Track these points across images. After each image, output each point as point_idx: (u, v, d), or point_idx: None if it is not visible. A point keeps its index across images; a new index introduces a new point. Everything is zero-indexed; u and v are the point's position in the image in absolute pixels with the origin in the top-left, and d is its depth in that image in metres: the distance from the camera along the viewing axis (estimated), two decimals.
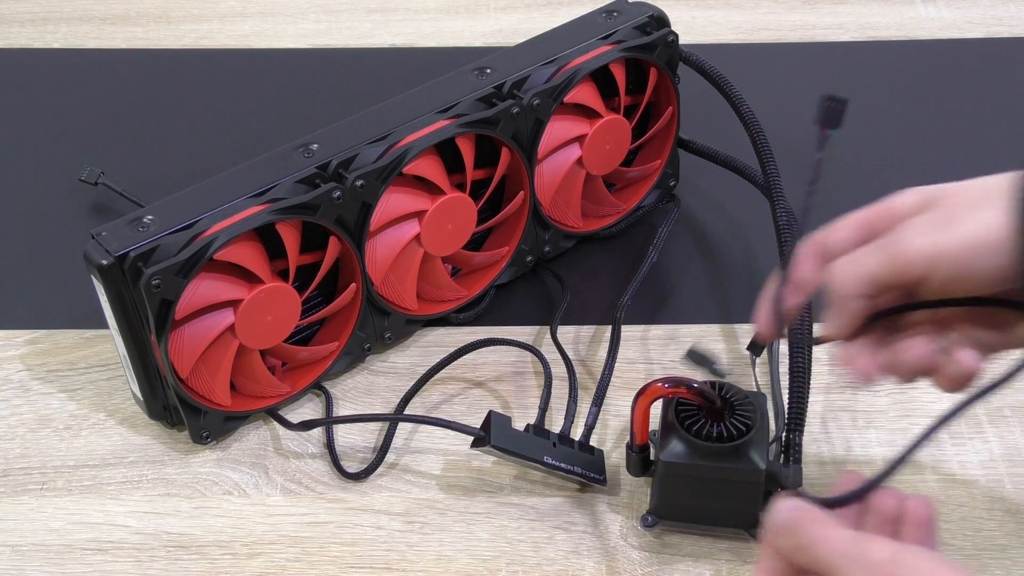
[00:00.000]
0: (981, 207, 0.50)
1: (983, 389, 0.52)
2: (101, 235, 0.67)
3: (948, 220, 0.50)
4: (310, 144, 0.72)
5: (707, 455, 0.61)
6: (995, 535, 0.65)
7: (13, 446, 0.73)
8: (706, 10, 1.11)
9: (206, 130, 1.00)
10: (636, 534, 0.66)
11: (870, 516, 0.54)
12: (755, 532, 0.63)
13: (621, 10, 0.83)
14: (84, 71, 1.07)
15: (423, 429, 0.73)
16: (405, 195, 0.73)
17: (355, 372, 0.77)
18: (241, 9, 1.15)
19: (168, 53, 1.09)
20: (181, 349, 0.68)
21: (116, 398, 0.76)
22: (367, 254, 0.73)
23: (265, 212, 0.68)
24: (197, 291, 0.67)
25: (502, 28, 1.10)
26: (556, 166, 0.80)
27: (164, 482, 0.70)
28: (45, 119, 1.02)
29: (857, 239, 0.55)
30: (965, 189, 0.52)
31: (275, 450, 0.72)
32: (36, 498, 0.70)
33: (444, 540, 0.66)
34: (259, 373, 0.72)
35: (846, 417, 0.72)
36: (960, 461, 0.69)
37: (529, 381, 0.76)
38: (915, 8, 1.10)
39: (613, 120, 0.81)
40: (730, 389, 0.64)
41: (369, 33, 1.11)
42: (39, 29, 1.13)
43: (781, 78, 1.02)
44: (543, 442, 0.67)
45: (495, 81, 0.76)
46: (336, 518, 0.68)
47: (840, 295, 0.54)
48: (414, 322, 0.79)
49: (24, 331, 0.81)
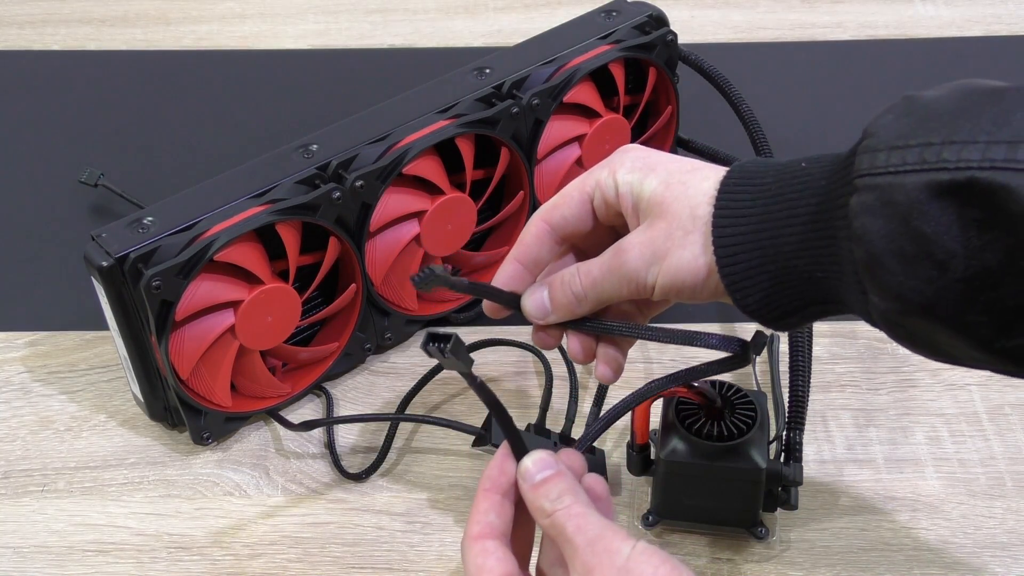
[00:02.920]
0: (688, 241, 0.52)
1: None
2: (101, 236, 0.67)
3: (661, 251, 0.53)
4: (310, 145, 0.72)
5: (707, 454, 0.61)
6: (995, 533, 0.65)
7: (14, 448, 0.73)
8: (705, 9, 1.11)
9: (206, 131, 1.00)
10: (637, 533, 0.66)
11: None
12: (756, 531, 0.64)
13: (620, 10, 0.83)
14: (83, 73, 1.07)
15: (424, 429, 0.73)
16: (405, 195, 0.73)
17: (355, 372, 0.77)
18: (240, 10, 1.15)
19: (167, 54, 1.09)
20: (181, 350, 0.68)
21: (117, 399, 0.76)
22: (367, 254, 0.73)
23: (265, 213, 0.68)
24: (197, 292, 0.67)
25: (501, 28, 1.10)
26: (556, 166, 0.80)
27: (165, 483, 0.71)
28: (44, 121, 1.02)
29: (581, 218, 0.58)
30: (677, 211, 0.53)
31: (276, 451, 0.72)
32: (37, 500, 0.70)
33: (445, 540, 0.66)
34: (259, 374, 0.72)
35: (846, 415, 0.72)
36: (960, 459, 0.69)
37: (530, 381, 0.76)
38: (914, 7, 1.10)
39: (612, 120, 0.81)
40: (731, 388, 0.64)
41: (368, 34, 1.11)
42: (38, 31, 1.13)
43: (780, 77, 1.02)
44: (544, 442, 0.67)
45: (494, 81, 0.77)
46: (337, 518, 0.68)
47: (573, 309, 0.58)
48: (414, 322, 0.79)
49: (25, 333, 0.81)
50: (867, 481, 0.68)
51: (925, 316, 0.45)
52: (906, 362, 0.75)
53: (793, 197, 0.50)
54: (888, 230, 0.45)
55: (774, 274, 0.51)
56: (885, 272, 0.45)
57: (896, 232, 0.45)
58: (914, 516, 0.66)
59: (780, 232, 0.50)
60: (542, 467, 0.52)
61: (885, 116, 0.47)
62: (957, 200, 0.44)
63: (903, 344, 0.49)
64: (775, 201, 0.51)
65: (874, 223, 0.45)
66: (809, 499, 0.67)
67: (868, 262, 0.46)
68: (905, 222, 0.44)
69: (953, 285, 0.44)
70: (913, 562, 0.64)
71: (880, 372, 0.75)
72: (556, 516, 0.50)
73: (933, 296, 0.45)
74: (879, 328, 0.49)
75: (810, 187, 0.50)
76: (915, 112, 0.47)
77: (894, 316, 0.47)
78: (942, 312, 0.45)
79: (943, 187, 0.44)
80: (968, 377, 0.74)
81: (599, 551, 0.49)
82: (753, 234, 0.51)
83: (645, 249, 0.54)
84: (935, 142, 0.44)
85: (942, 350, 0.48)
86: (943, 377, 0.74)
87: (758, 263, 0.51)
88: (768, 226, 0.50)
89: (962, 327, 0.45)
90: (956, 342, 0.46)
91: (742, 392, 0.64)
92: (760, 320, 0.52)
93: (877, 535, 0.65)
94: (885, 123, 0.47)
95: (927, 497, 0.67)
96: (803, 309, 0.51)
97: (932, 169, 0.44)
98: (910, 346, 0.49)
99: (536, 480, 0.52)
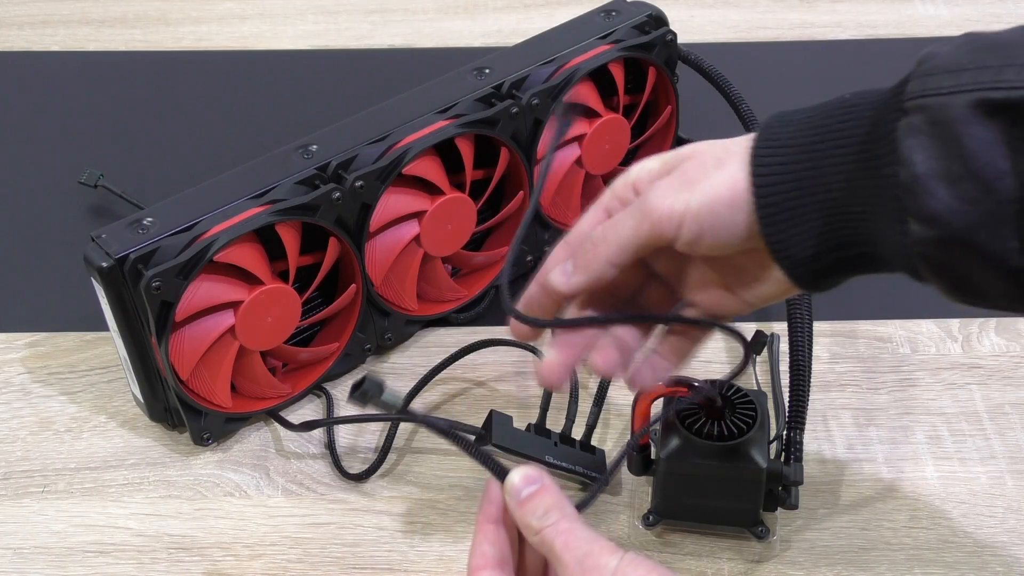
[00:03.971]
0: (721, 166, 0.51)
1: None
2: (101, 237, 0.67)
3: (691, 180, 0.51)
4: (309, 145, 0.72)
5: (708, 454, 0.61)
6: (996, 532, 0.65)
7: (14, 449, 0.73)
8: (704, 9, 1.11)
9: (205, 132, 1.00)
10: (637, 533, 0.66)
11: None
12: (757, 531, 0.64)
13: (619, 9, 0.83)
14: (83, 73, 1.07)
15: (424, 429, 0.73)
16: (404, 195, 0.73)
17: (356, 373, 0.77)
18: (240, 11, 1.15)
19: (167, 55, 1.09)
20: (182, 351, 0.68)
21: (117, 400, 0.76)
22: (367, 255, 0.73)
23: (265, 213, 0.68)
24: (197, 293, 0.67)
25: (501, 28, 1.10)
26: (556, 165, 0.80)
27: (165, 484, 0.71)
28: (44, 122, 1.02)
29: (604, 220, 0.56)
30: (708, 149, 0.52)
31: (276, 451, 0.72)
32: (38, 500, 0.70)
33: (446, 540, 0.66)
34: (260, 374, 0.72)
35: (847, 415, 0.72)
36: (961, 458, 0.69)
37: (530, 381, 0.76)
38: (913, 6, 1.10)
39: (612, 119, 0.81)
40: (731, 387, 0.64)
41: (368, 34, 1.11)
42: (38, 32, 1.13)
43: (780, 77, 1.02)
44: (545, 441, 0.67)
45: (494, 81, 0.77)
46: (338, 519, 0.68)
47: (597, 263, 0.54)
48: (414, 322, 0.79)
49: (25, 334, 0.81)
50: (867, 480, 0.68)
51: (964, 244, 0.45)
52: (906, 362, 0.75)
53: (837, 128, 0.49)
54: (936, 150, 0.44)
55: (811, 208, 0.49)
56: (928, 195, 0.44)
57: (943, 152, 0.44)
58: (914, 516, 0.66)
59: (821, 163, 0.49)
60: (527, 483, 0.52)
61: (941, 47, 0.46)
62: (1007, 120, 0.43)
63: (935, 282, 0.47)
64: (817, 133, 0.50)
65: (921, 143, 0.44)
66: (810, 499, 0.67)
67: (912, 184, 0.45)
68: (953, 141, 0.44)
69: (997, 208, 0.43)
70: (913, 562, 0.64)
71: (880, 372, 0.75)
72: (544, 534, 0.50)
73: (976, 220, 0.44)
74: (911, 268, 0.47)
75: (856, 118, 0.49)
76: (974, 43, 0.46)
77: (931, 246, 0.46)
78: (983, 237, 0.44)
79: (994, 106, 0.43)
80: (968, 376, 0.74)
81: (588, 568, 0.49)
82: (793, 164, 0.49)
83: (673, 180, 0.52)
84: (992, 65, 0.44)
85: (973, 286, 0.47)
86: (943, 377, 0.74)
87: (796, 194, 0.49)
88: (809, 157, 0.49)
89: (1000, 256, 0.44)
90: (990, 275, 0.45)
91: (742, 392, 0.63)
92: (788, 262, 0.50)
93: (877, 534, 0.65)
94: (941, 51, 0.46)
95: (927, 496, 0.67)
96: (836, 251, 0.50)
97: (984, 88, 0.43)
98: (941, 284, 0.47)
99: (522, 497, 0.52)
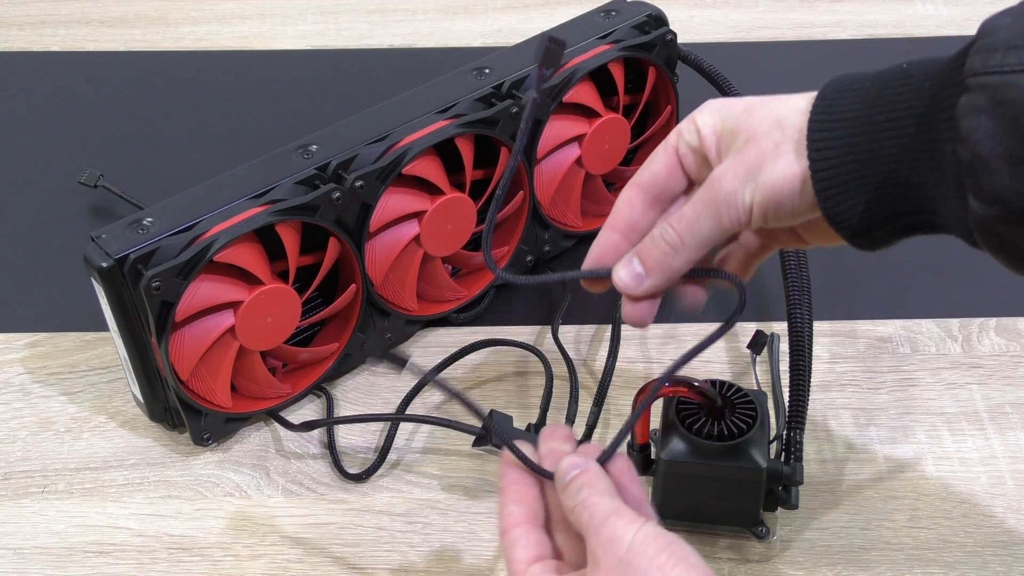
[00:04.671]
0: (779, 154, 0.51)
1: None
2: (101, 237, 0.67)
3: (752, 167, 0.52)
4: (309, 145, 0.72)
5: (708, 454, 0.61)
6: (996, 531, 0.65)
7: (14, 449, 0.73)
8: (704, 9, 1.11)
9: (205, 132, 1.00)
10: None
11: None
12: (757, 531, 0.64)
13: (619, 9, 0.83)
14: (83, 74, 1.07)
15: (424, 429, 0.73)
16: (404, 195, 0.73)
17: (356, 373, 0.77)
18: (239, 11, 1.15)
19: (167, 55, 1.09)
20: (181, 351, 0.68)
21: (117, 400, 0.76)
22: (367, 255, 0.73)
23: (265, 213, 0.68)
24: (197, 293, 0.67)
25: (500, 28, 1.10)
26: (555, 166, 0.80)
27: (165, 484, 0.71)
28: (44, 122, 1.02)
29: (670, 172, 0.56)
30: (762, 127, 0.52)
31: (276, 451, 0.72)
32: (38, 501, 0.70)
33: (446, 540, 0.66)
34: (260, 374, 0.72)
35: (847, 415, 0.72)
36: (961, 457, 0.69)
37: (530, 381, 0.76)
38: (913, 6, 1.10)
39: (612, 119, 0.81)
40: (731, 387, 0.64)
41: (368, 34, 1.11)
42: (37, 32, 1.13)
43: (780, 76, 1.02)
44: None
45: (494, 81, 0.76)
46: (338, 519, 0.68)
47: (678, 264, 0.54)
48: (414, 322, 0.79)
49: (24, 334, 0.81)
50: (868, 480, 0.68)
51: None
52: (906, 361, 0.75)
53: (894, 100, 0.49)
54: (998, 131, 0.44)
55: (869, 180, 0.49)
56: (990, 175, 0.44)
57: (1006, 132, 0.44)
58: (914, 515, 0.66)
59: (879, 136, 0.49)
60: (571, 468, 0.53)
61: (1003, 17, 0.46)
62: None
63: (995, 254, 0.47)
64: (874, 104, 0.49)
65: (983, 123, 0.44)
66: (810, 498, 0.67)
67: (973, 164, 0.44)
68: (1017, 122, 0.43)
69: None
70: (914, 561, 0.64)
71: (880, 371, 0.75)
72: (576, 511, 0.51)
73: None
74: (971, 237, 0.47)
75: (913, 89, 0.48)
76: None
77: (992, 223, 0.45)
78: None
79: None
80: (968, 376, 0.74)
81: (603, 540, 0.49)
82: (849, 138, 0.49)
83: (739, 169, 0.52)
84: None
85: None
86: (943, 376, 0.74)
87: (854, 168, 0.49)
88: (866, 130, 0.49)
89: None
90: None
91: (742, 391, 0.63)
92: (848, 232, 0.50)
93: (878, 534, 0.65)
94: (1003, 24, 0.45)
95: (928, 496, 0.67)
96: (894, 220, 0.50)
97: None
98: (1002, 256, 0.47)
99: (567, 480, 0.52)
